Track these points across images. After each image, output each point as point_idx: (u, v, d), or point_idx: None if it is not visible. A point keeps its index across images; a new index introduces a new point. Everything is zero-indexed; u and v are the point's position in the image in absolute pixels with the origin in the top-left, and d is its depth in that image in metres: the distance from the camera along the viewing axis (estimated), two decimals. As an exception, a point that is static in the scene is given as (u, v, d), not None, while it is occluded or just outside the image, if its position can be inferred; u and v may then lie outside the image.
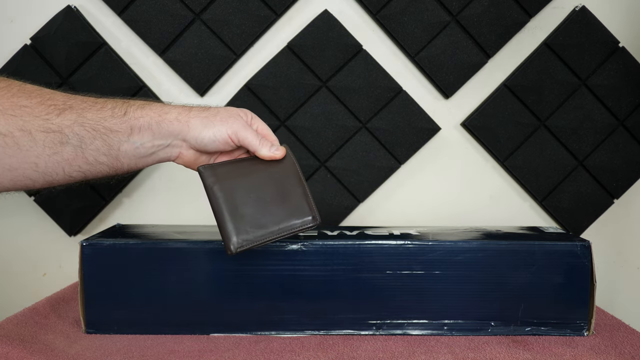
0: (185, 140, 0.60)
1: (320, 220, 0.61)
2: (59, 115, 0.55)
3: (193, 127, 0.60)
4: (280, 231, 0.59)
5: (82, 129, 0.56)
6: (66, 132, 0.55)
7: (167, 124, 0.59)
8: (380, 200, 0.90)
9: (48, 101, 0.56)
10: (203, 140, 0.60)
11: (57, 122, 0.55)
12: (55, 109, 0.56)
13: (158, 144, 0.60)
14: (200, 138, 0.60)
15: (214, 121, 0.60)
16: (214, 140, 0.60)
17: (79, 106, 0.57)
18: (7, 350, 0.56)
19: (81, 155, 0.57)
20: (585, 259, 0.63)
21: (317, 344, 0.61)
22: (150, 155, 0.60)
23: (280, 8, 0.85)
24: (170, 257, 0.63)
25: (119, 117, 0.58)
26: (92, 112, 0.57)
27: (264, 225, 0.59)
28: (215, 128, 0.60)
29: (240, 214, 0.58)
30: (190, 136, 0.60)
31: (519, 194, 0.90)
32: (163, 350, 0.59)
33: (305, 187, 0.62)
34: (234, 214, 0.58)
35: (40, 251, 0.90)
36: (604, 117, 0.86)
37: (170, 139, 0.60)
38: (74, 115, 0.56)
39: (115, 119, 0.58)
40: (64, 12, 0.84)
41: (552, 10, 0.86)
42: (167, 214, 0.89)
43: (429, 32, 0.85)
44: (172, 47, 0.85)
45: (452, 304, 0.64)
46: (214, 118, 0.60)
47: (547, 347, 0.60)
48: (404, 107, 0.86)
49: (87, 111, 0.57)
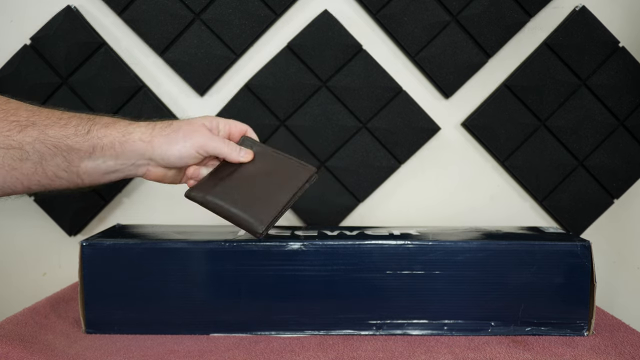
0: (151, 159, 0.61)
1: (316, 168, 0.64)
2: (21, 132, 0.56)
3: (157, 146, 0.60)
4: (288, 194, 0.62)
5: (43, 146, 0.57)
6: (27, 149, 0.56)
7: (130, 144, 0.59)
8: (380, 200, 0.90)
9: (11, 117, 0.57)
10: (170, 159, 0.61)
11: (17, 139, 0.56)
12: (18, 126, 0.56)
13: (121, 163, 0.60)
14: (167, 157, 0.61)
15: (177, 138, 0.61)
16: (180, 157, 0.61)
17: (42, 122, 0.58)
18: (7, 350, 0.56)
19: (41, 170, 0.57)
20: (585, 259, 0.63)
21: (317, 344, 0.61)
22: (114, 172, 0.61)
23: (280, 8, 0.85)
24: (170, 257, 0.63)
25: (82, 135, 0.58)
26: (55, 129, 0.58)
27: (272, 197, 0.61)
28: (179, 145, 0.60)
29: (244, 203, 0.61)
30: (156, 155, 0.60)
31: (519, 194, 0.90)
32: (163, 350, 0.59)
33: (283, 155, 0.66)
34: (239, 206, 0.60)
35: (40, 251, 0.90)
36: (604, 117, 0.86)
37: (134, 158, 0.60)
38: (35, 132, 0.57)
39: (78, 137, 0.58)
40: (64, 12, 0.84)
41: (552, 10, 0.86)
42: (167, 214, 0.89)
43: (429, 32, 0.85)
44: (172, 47, 0.85)
45: (452, 304, 0.64)
46: (176, 135, 0.61)
47: (547, 347, 0.60)
48: (404, 107, 0.86)
49: (50, 128, 0.57)
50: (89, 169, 0.59)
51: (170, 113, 0.86)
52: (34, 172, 0.57)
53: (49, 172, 0.58)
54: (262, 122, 0.86)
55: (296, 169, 0.64)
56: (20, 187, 0.58)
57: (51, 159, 0.57)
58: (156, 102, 0.86)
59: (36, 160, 0.57)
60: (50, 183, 0.59)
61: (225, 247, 0.63)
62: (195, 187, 0.63)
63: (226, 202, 0.61)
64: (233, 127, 0.66)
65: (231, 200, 0.61)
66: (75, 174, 0.59)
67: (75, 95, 0.84)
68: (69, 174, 0.59)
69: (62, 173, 0.58)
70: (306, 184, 0.63)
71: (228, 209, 0.61)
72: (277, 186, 0.63)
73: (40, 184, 0.58)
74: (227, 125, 0.65)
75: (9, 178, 0.56)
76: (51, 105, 0.83)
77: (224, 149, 0.62)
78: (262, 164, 0.65)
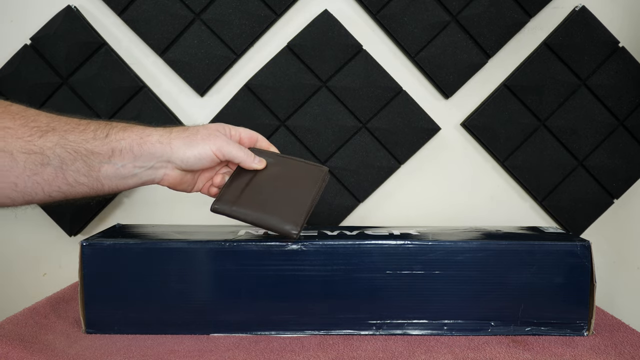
0: (170, 162, 0.61)
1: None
2: (42, 137, 0.57)
3: (176, 148, 0.61)
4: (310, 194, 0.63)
5: (64, 150, 0.57)
6: (47, 154, 0.56)
7: (149, 145, 0.60)
8: (380, 200, 0.90)
9: (32, 123, 0.57)
10: (189, 160, 0.61)
11: (39, 144, 0.56)
12: (38, 131, 0.57)
13: (140, 165, 0.60)
14: (186, 158, 0.61)
15: (196, 140, 0.61)
16: (199, 158, 0.62)
17: (62, 128, 0.58)
18: (7, 350, 0.56)
19: (61, 176, 0.58)
20: (585, 259, 0.63)
21: (317, 344, 0.61)
22: (132, 177, 0.61)
23: (280, 8, 0.85)
24: (170, 257, 0.63)
25: (101, 139, 0.59)
26: (75, 133, 0.58)
27: (296, 199, 0.63)
28: (200, 147, 0.61)
29: (272, 208, 0.62)
30: (175, 157, 0.61)
31: (519, 194, 0.90)
32: (163, 350, 0.59)
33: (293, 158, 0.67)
34: (268, 212, 0.62)
35: (40, 251, 0.90)
36: (604, 117, 0.86)
37: (153, 160, 0.61)
38: (56, 137, 0.57)
39: (97, 140, 0.59)
40: (64, 12, 0.84)
41: (552, 10, 0.86)
42: (167, 214, 0.89)
43: (429, 32, 0.85)
44: (172, 47, 0.85)
45: (452, 304, 0.64)
46: (195, 137, 0.62)
47: (547, 347, 0.60)
48: (404, 107, 0.86)
49: (70, 133, 0.58)
50: (109, 173, 0.59)
51: (170, 113, 0.86)
52: (54, 178, 0.57)
53: (70, 178, 0.58)
54: (262, 122, 0.86)
55: (310, 171, 0.66)
56: (41, 193, 0.58)
57: (72, 164, 0.57)
58: (156, 102, 0.86)
59: (57, 165, 0.57)
60: (71, 190, 0.59)
61: (225, 247, 0.63)
62: (219, 200, 0.63)
63: (254, 210, 0.62)
64: (243, 134, 0.67)
65: (259, 207, 0.62)
66: (95, 179, 0.59)
67: (75, 95, 0.85)
68: (90, 179, 0.59)
69: (82, 178, 0.58)
70: (323, 183, 0.65)
71: (258, 216, 0.62)
72: (298, 188, 0.64)
73: (61, 191, 0.58)
74: (237, 132, 0.66)
75: (30, 184, 0.57)
76: (51, 105, 0.84)
77: (240, 153, 0.63)
78: (276, 170, 0.66)
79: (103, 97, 0.85)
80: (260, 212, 0.62)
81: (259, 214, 0.62)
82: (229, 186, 0.65)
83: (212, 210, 0.63)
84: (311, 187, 0.64)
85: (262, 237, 0.66)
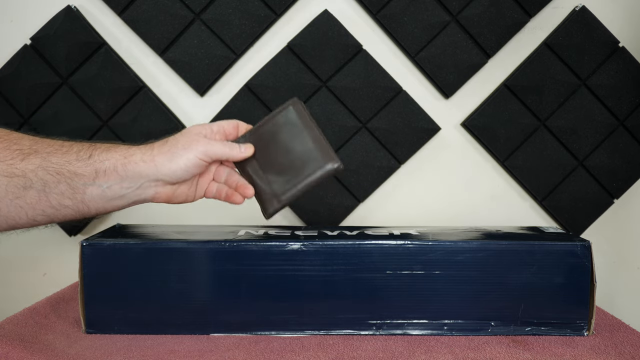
0: (157, 180, 0.60)
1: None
2: (24, 159, 0.56)
3: (160, 165, 0.59)
4: (312, 129, 0.63)
5: (46, 172, 0.56)
6: (30, 177, 0.55)
7: (133, 165, 0.59)
8: (380, 200, 0.90)
9: (14, 146, 0.56)
10: (176, 174, 0.60)
11: (21, 167, 0.55)
12: (20, 154, 0.56)
13: (127, 186, 0.59)
14: (173, 172, 0.60)
15: (178, 151, 0.60)
16: (186, 170, 0.60)
17: (45, 150, 0.57)
18: (7, 350, 0.56)
19: (45, 199, 0.57)
20: (585, 259, 0.63)
21: (317, 344, 0.61)
22: (119, 198, 0.60)
23: (280, 8, 0.85)
24: (170, 257, 0.63)
25: (84, 160, 0.58)
26: (57, 155, 0.57)
27: (309, 143, 0.62)
28: (183, 157, 0.60)
29: (302, 166, 0.62)
30: (162, 174, 0.60)
31: (519, 194, 0.90)
32: (163, 350, 0.59)
33: (268, 120, 0.65)
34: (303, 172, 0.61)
35: (40, 251, 0.90)
36: (604, 117, 0.86)
37: (140, 180, 0.59)
38: (38, 160, 0.56)
39: (80, 162, 0.58)
40: (64, 12, 0.84)
41: (552, 10, 0.86)
42: (167, 214, 0.89)
43: (429, 32, 0.85)
44: (172, 47, 0.85)
45: (452, 304, 0.64)
46: (176, 149, 0.60)
47: (547, 347, 0.60)
48: (404, 107, 0.86)
49: (52, 155, 0.57)
50: (95, 196, 0.58)
51: (170, 113, 0.86)
52: (37, 201, 0.56)
53: (54, 201, 0.57)
54: (262, 122, 0.86)
55: (285, 112, 0.64)
56: (25, 218, 0.57)
57: (55, 187, 0.56)
58: (156, 102, 0.86)
59: (40, 188, 0.56)
60: (56, 213, 0.58)
61: (225, 247, 0.63)
62: (264, 206, 0.63)
63: (294, 182, 0.61)
64: (226, 126, 0.65)
65: (295, 177, 0.61)
66: (80, 202, 0.58)
67: (75, 95, 0.85)
68: (74, 201, 0.58)
69: (67, 201, 0.57)
70: (307, 111, 0.64)
71: (302, 184, 0.61)
72: (300, 135, 0.63)
73: (45, 214, 0.57)
74: (219, 127, 0.65)
75: (12, 208, 0.56)
76: (51, 105, 0.84)
77: (224, 149, 0.62)
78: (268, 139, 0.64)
79: (103, 97, 0.85)
80: (299, 178, 0.61)
81: (300, 181, 0.61)
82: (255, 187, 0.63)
83: (268, 217, 0.63)
84: (305, 120, 0.63)
85: (262, 237, 0.66)
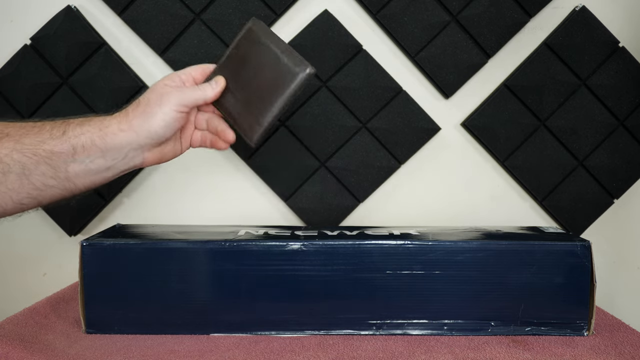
0: (141, 146, 0.59)
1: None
2: None
3: (139, 129, 0.58)
4: (274, 40, 0.61)
5: (22, 155, 0.55)
6: (6, 161, 0.54)
7: (111, 137, 0.57)
8: (380, 200, 0.90)
9: None
10: (157, 133, 0.58)
11: None
12: None
13: (112, 158, 0.58)
14: (154, 132, 0.58)
15: (152, 110, 0.58)
16: (165, 125, 0.58)
17: (17, 132, 0.56)
18: (7, 350, 0.56)
19: (27, 181, 0.56)
20: (585, 259, 0.63)
21: (317, 344, 0.61)
22: (107, 170, 0.59)
23: (280, 8, 0.85)
24: (170, 257, 0.63)
25: (58, 137, 0.56)
26: (30, 136, 0.56)
27: (277, 57, 0.60)
28: (159, 114, 0.58)
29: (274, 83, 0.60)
30: (143, 138, 0.58)
31: (519, 194, 0.90)
32: (163, 350, 0.59)
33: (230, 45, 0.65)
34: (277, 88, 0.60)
35: (40, 251, 0.90)
36: (604, 117, 0.86)
37: (123, 150, 0.58)
38: (11, 143, 0.55)
39: (54, 140, 0.56)
40: (64, 12, 0.84)
41: (552, 10, 0.86)
42: (167, 214, 0.89)
43: (429, 32, 0.85)
44: (172, 47, 0.85)
45: (452, 304, 0.64)
46: (150, 107, 0.58)
47: (547, 347, 0.60)
48: (404, 107, 0.86)
49: (25, 136, 0.56)
50: (78, 172, 0.57)
51: (170, 113, 0.86)
52: (20, 185, 0.55)
53: (37, 183, 0.56)
54: (262, 122, 0.86)
55: (249, 35, 0.63)
56: (11, 203, 0.56)
57: (35, 168, 0.55)
58: (156, 102, 0.86)
59: (19, 171, 0.55)
60: (41, 193, 0.57)
61: (225, 247, 0.63)
62: (247, 135, 0.61)
63: (272, 100, 0.60)
64: (193, 72, 0.64)
65: (270, 95, 0.60)
66: (65, 179, 0.57)
67: (75, 95, 0.84)
68: (58, 180, 0.57)
69: (50, 181, 0.56)
70: (264, 26, 0.63)
71: (279, 100, 0.60)
72: (264, 52, 0.61)
73: (32, 196, 0.57)
74: (187, 75, 0.63)
75: None
76: (51, 105, 0.84)
77: (197, 93, 0.60)
78: (236, 64, 0.63)
79: (103, 97, 0.85)
80: (276, 95, 0.59)
81: (277, 97, 0.59)
82: (234, 118, 0.62)
83: (254, 144, 0.61)
84: (267, 37, 0.62)
85: (262, 237, 0.66)
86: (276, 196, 0.88)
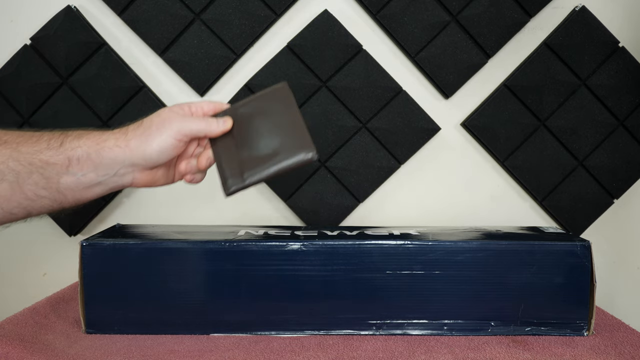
0: (133, 164, 0.58)
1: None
2: None
3: (135, 149, 0.57)
4: (293, 111, 0.60)
5: (17, 163, 0.55)
6: (1, 168, 0.54)
7: (106, 151, 0.57)
8: (380, 201, 0.90)
9: None
10: (152, 157, 0.58)
11: None
12: None
13: (103, 174, 0.58)
14: (148, 155, 0.58)
15: (152, 133, 0.58)
16: (160, 151, 0.58)
17: (14, 140, 0.56)
18: (7, 350, 0.56)
19: (19, 190, 0.55)
20: (585, 259, 0.63)
21: (317, 344, 0.61)
22: (97, 185, 0.58)
23: (280, 8, 0.85)
24: (170, 257, 0.63)
25: (55, 148, 0.56)
26: (28, 145, 0.56)
27: (289, 126, 0.59)
28: (157, 139, 0.58)
29: (276, 149, 0.59)
30: (137, 158, 0.58)
31: (519, 194, 0.90)
32: (163, 350, 0.59)
33: (255, 94, 0.63)
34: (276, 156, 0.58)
35: (40, 251, 0.90)
36: (604, 117, 0.86)
37: (115, 167, 0.58)
38: (8, 151, 0.55)
39: (51, 150, 0.56)
40: (64, 12, 0.84)
41: (552, 10, 0.86)
42: (167, 214, 0.89)
43: (429, 32, 0.85)
44: (172, 47, 0.85)
45: (452, 304, 0.64)
46: (150, 131, 0.58)
47: (547, 347, 0.60)
48: (404, 107, 0.86)
49: (22, 145, 0.56)
50: (70, 184, 0.57)
51: (170, 113, 0.86)
52: (11, 193, 0.55)
53: (28, 192, 0.56)
54: (262, 122, 0.86)
55: (275, 95, 0.62)
56: (1, 211, 0.56)
57: (28, 177, 0.55)
58: (156, 102, 0.86)
59: (12, 179, 0.55)
60: (32, 204, 0.56)
61: (225, 247, 0.63)
62: (226, 182, 0.59)
63: (264, 164, 0.58)
64: (205, 107, 0.63)
65: (266, 159, 0.58)
66: (56, 191, 0.57)
67: (75, 95, 0.84)
68: (50, 191, 0.56)
69: (42, 192, 0.56)
70: (292, 94, 0.62)
71: (272, 167, 0.58)
72: (281, 116, 0.60)
73: (22, 206, 0.56)
74: (198, 107, 0.62)
75: None
76: (51, 105, 0.84)
77: (201, 125, 0.59)
78: (248, 116, 0.61)
79: (103, 97, 0.85)
80: (271, 162, 0.58)
81: (270, 165, 0.58)
82: (222, 163, 0.60)
83: (228, 195, 0.59)
84: (289, 106, 0.61)
85: (262, 237, 0.66)
86: (276, 196, 0.88)
